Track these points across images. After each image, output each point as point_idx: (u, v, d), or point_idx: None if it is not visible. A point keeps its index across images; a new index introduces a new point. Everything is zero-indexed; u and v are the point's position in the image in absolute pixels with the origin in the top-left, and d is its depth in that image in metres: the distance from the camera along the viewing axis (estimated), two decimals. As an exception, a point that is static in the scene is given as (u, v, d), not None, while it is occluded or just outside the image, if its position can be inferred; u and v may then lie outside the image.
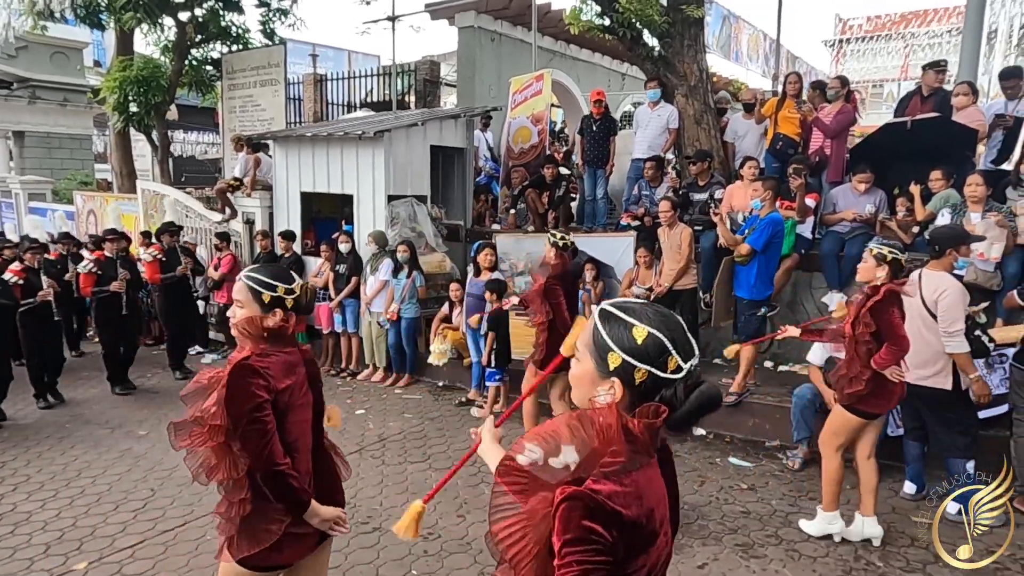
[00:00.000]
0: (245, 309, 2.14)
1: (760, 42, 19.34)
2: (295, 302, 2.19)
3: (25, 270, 6.46)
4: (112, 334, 6.90)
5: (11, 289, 6.18)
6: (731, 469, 4.87)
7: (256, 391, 2.03)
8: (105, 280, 6.77)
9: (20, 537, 3.99)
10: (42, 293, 6.34)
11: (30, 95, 16.08)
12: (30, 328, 6.36)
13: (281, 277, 2.18)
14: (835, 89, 6.45)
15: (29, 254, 6.80)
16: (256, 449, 2.03)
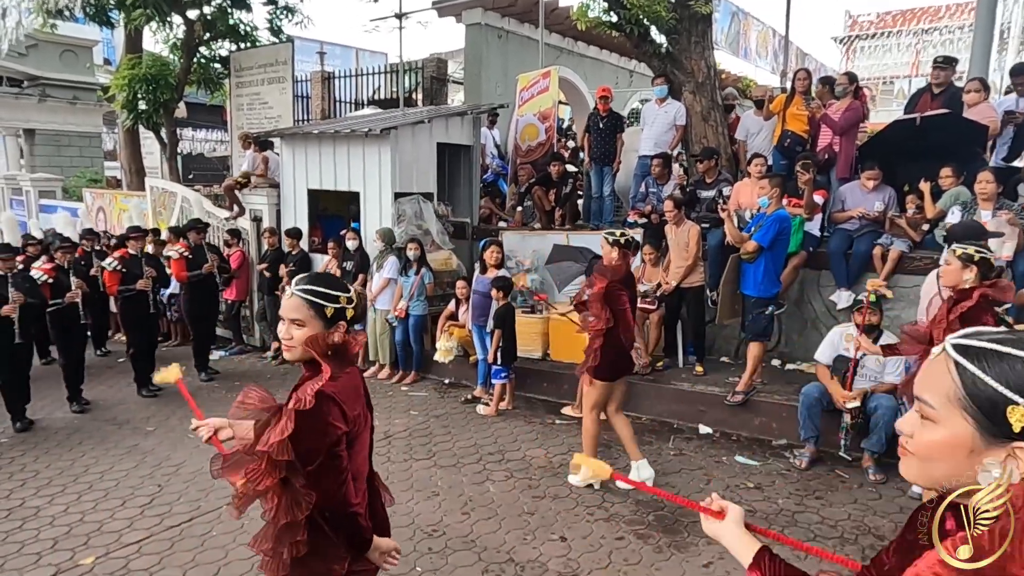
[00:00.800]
0: (307, 327, 1.84)
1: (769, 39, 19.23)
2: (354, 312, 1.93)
3: (55, 269, 6.31)
4: (140, 334, 6.76)
5: (39, 287, 6.04)
6: (737, 467, 4.84)
7: (335, 422, 1.77)
8: (130, 278, 6.62)
9: (28, 532, 4.02)
10: (70, 294, 6.19)
11: (40, 93, 16.19)
12: (58, 329, 6.28)
13: (338, 285, 1.92)
14: (843, 86, 6.39)
15: (60, 252, 6.62)
16: (331, 489, 1.78)
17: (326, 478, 1.78)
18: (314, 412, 1.74)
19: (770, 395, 5.51)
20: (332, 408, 1.78)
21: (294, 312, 1.85)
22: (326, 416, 1.76)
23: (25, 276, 6.01)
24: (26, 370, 5.92)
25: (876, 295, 4.89)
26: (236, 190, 8.80)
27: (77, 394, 6.33)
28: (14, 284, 5.67)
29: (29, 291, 5.81)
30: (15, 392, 5.81)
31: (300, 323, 1.85)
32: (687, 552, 3.72)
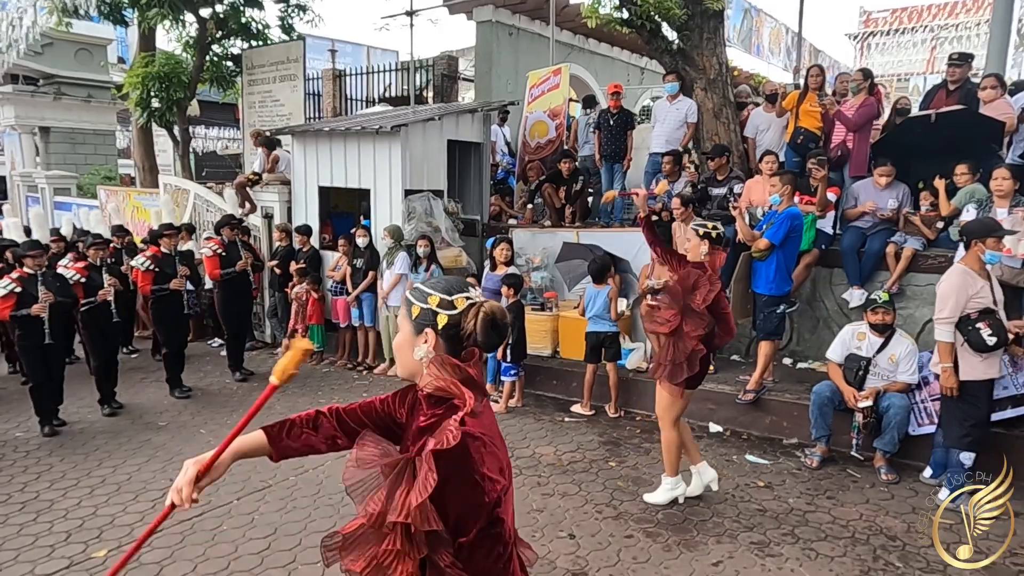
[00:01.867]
0: (401, 332, 1.56)
1: (782, 35, 19.08)
2: (451, 322, 1.46)
3: (88, 267, 6.12)
4: (173, 335, 6.60)
5: (71, 287, 5.81)
6: (747, 466, 4.82)
7: (490, 474, 1.32)
8: (163, 277, 6.46)
9: (42, 525, 4.07)
10: (102, 292, 5.99)
11: (55, 91, 16.34)
12: (91, 329, 6.07)
13: (445, 285, 1.54)
14: (858, 82, 6.33)
15: (93, 250, 6.36)
16: (488, 570, 1.35)
17: (482, 555, 1.31)
18: (461, 457, 1.28)
19: (781, 394, 5.47)
20: (483, 454, 1.31)
21: (399, 314, 1.56)
22: (478, 465, 1.30)
23: (56, 275, 5.83)
24: (59, 371, 5.76)
25: (888, 294, 4.86)
26: (248, 187, 8.85)
27: (110, 396, 6.16)
28: (44, 283, 5.52)
29: (60, 290, 5.62)
30: (45, 394, 5.62)
31: (399, 330, 1.54)
32: (696, 551, 3.71)
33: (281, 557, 3.68)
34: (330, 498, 4.36)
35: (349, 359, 7.65)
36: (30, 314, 5.37)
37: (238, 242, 7.34)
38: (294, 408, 6.15)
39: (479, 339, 1.46)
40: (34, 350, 5.51)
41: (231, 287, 7.13)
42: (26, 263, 5.56)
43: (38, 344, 5.48)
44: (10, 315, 5.38)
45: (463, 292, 1.50)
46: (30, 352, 5.53)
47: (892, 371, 4.66)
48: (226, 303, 7.22)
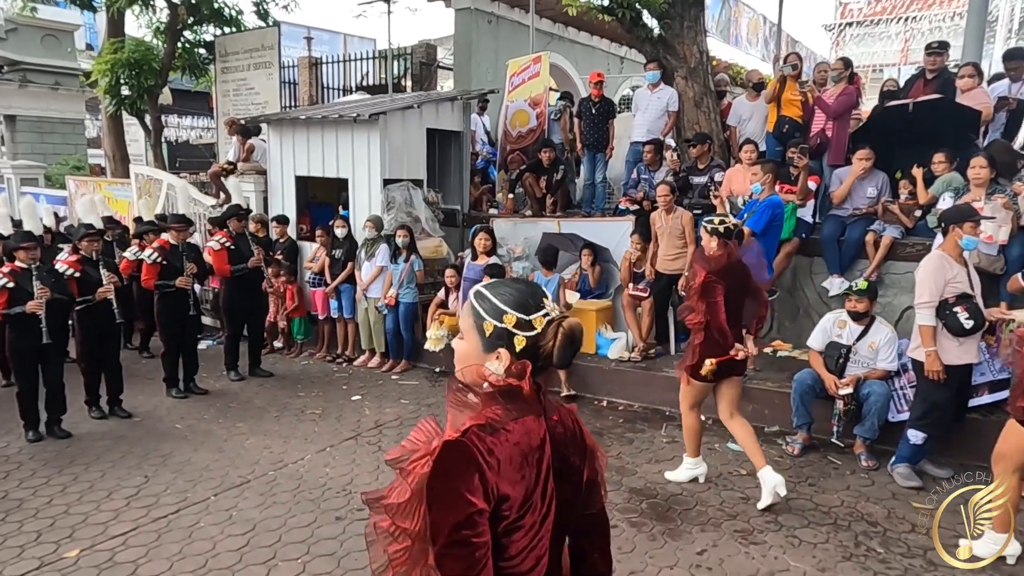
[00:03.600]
0: (466, 342, 1.45)
1: (760, 26, 19.18)
2: (528, 343, 1.37)
3: (81, 261, 5.51)
4: (174, 335, 6.18)
5: (66, 282, 5.31)
6: (730, 455, 4.83)
7: (467, 494, 1.26)
8: (170, 272, 6.03)
9: (11, 525, 3.94)
10: (102, 290, 5.44)
11: (21, 79, 15.87)
12: (88, 329, 5.56)
13: (521, 299, 1.40)
14: (838, 71, 6.35)
15: (86, 242, 5.61)
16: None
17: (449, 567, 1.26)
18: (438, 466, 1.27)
19: (762, 382, 5.49)
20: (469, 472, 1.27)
21: (462, 319, 1.47)
22: (455, 481, 1.26)
23: (51, 269, 5.36)
24: (59, 375, 5.27)
25: (868, 282, 4.88)
26: (222, 177, 8.67)
27: (115, 402, 5.76)
28: (39, 277, 5.06)
29: (55, 286, 5.16)
30: (35, 400, 5.21)
31: (462, 335, 1.46)
32: (681, 540, 3.70)
33: (261, 554, 3.61)
34: (310, 493, 4.29)
35: (328, 351, 7.55)
36: (24, 312, 4.93)
37: (247, 235, 6.93)
38: (274, 401, 6.06)
39: (555, 358, 1.39)
40: (28, 352, 5.08)
41: (240, 283, 6.66)
42: (18, 256, 5.10)
43: (34, 345, 5.04)
44: (2, 313, 4.96)
45: (540, 309, 1.38)
46: (23, 355, 5.11)
47: (872, 358, 4.69)
48: (232, 300, 6.75)
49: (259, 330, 7.15)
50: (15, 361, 5.23)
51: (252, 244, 6.82)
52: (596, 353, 6.41)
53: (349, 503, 4.14)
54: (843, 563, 3.48)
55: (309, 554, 3.60)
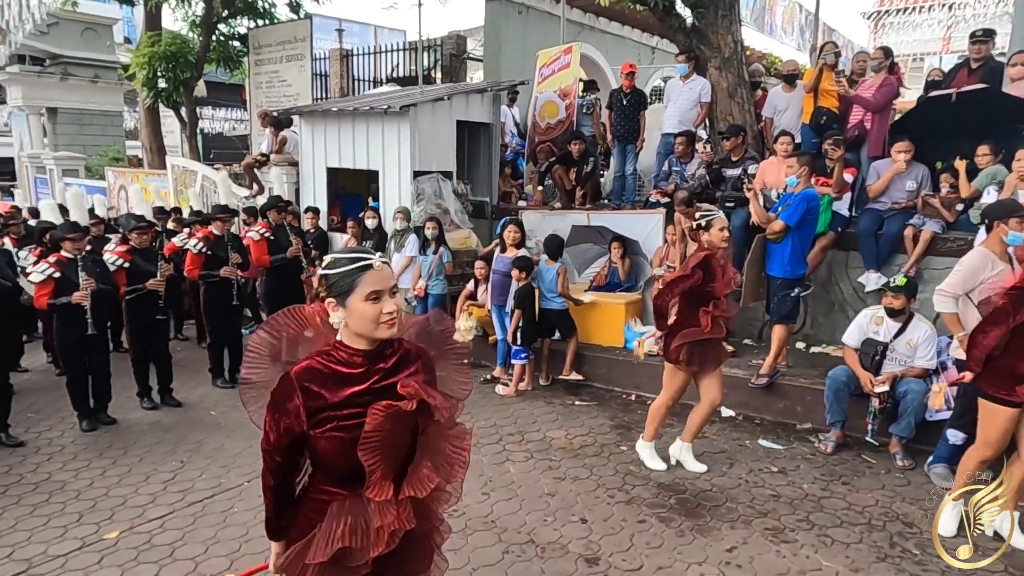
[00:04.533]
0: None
1: (795, 14, 18.76)
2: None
3: (131, 251, 5.57)
4: (220, 324, 6.24)
5: (111, 273, 5.36)
6: (761, 451, 4.77)
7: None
8: (215, 262, 6.05)
9: (55, 505, 4.07)
10: (151, 282, 5.49)
11: (62, 72, 16.27)
12: (137, 319, 5.63)
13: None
14: (879, 60, 6.18)
15: (135, 234, 5.69)
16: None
17: None
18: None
19: (795, 378, 5.41)
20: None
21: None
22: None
23: (96, 259, 5.37)
24: (104, 365, 5.35)
25: (906, 277, 4.77)
26: (255, 169, 8.80)
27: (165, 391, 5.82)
28: (84, 268, 5.09)
29: (100, 276, 5.19)
30: (86, 390, 5.27)
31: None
32: (710, 536, 3.67)
33: (292, 540, 3.66)
34: (340, 481, 4.34)
35: (358, 341, 7.62)
36: (70, 302, 4.98)
37: (286, 225, 6.93)
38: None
39: None
40: (74, 342, 5.12)
41: (280, 274, 6.71)
42: (64, 247, 5.14)
43: (80, 336, 5.08)
44: (48, 303, 5.01)
45: None
46: (70, 344, 5.16)
47: (910, 356, 4.58)
48: (272, 291, 6.79)
49: None
50: (62, 351, 5.32)
51: (291, 234, 6.86)
52: (625, 347, 6.37)
53: (378, 492, 4.18)
54: (877, 564, 3.41)
55: (339, 541, 3.64)
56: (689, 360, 4.21)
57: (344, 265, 1.73)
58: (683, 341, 4.17)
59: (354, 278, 1.71)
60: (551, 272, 6.12)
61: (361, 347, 1.78)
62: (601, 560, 3.47)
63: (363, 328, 1.74)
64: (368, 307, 1.71)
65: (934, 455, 4.30)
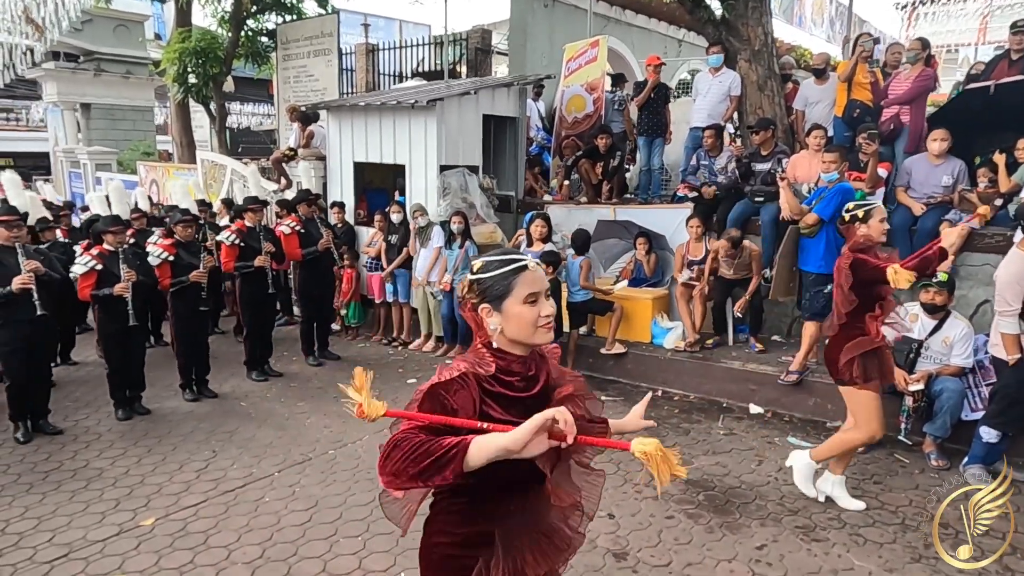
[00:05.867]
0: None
1: (825, 6, 18.43)
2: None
3: (175, 244, 5.63)
4: (256, 315, 6.30)
5: (151, 267, 5.47)
6: (790, 449, 4.70)
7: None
8: (248, 253, 6.11)
9: (93, 492, 4.18)
10: (194, 274, 5.57)
11: (95, 68, 16.60)
12: (181, 311, 5.71)
13: None
14: (915, 51, 6.04)
15: (180, 227, 5.74)
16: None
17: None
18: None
19: (825, 375, 5.28)
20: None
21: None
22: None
23: (136, 252, 5.51)
24: (140, 356, 5.51)
25: (946, 273, 4.67)
26: (284, 163, 8.89)
27: (200, 383, 5.91)
28: (125, 260, 5.19)
29: (140, 269, 5.31)
30: (124, 380, 5.39)
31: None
32: (739, 533, 3.65)
33: (323, 530, 3.72)
34: (368, 473, 4.39)
35: (384, 334, 7.69)
36: (112, 294, 5.09)
37: (316, 219, 6.98)
38: (332, 382, 6.21)
39: None
40: (116, 333, 5.24)
41: (312, 267, 6.77)
42: (106, 239, 5.23)
43: (121, 327, 5.19)
44: (91, 294, 5.14)
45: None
46: (111, 336, 5.29)
47: (946, 354, 4.49)
48: (306, 284, 6.86)
49: (329, 313, 7.29)
50: (104, 342, 5.44)
51: (321, 227, 6.91)
52: (652, 342, 6.34)
53: (406, 484, 4.22)
54: (912, 565, 3.36)
55: (368, 532, 3.69)
56: (866, 375, 3.62)
57: (497, 268, 1.62)
58: (852, 355, 3.62)
59: (510, 281, 1.61)
60: (576, 266, 6.13)
61: (518, 353, 1.66)
62: (629, 555, 3.46)
63: (521, 333, 1.62)
64: (527, 310, 1.60)
65: (969, 455, 4.22)
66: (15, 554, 3.52)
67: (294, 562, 3.44)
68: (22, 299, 4.70)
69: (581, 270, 6.12)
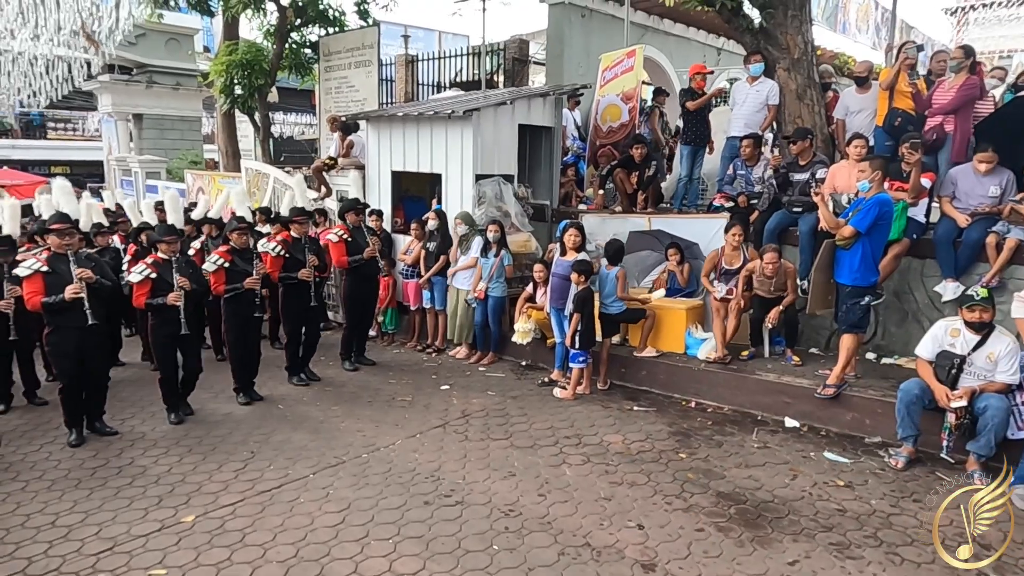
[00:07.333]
0: None
1: (871, 12, 18.05)
2: None
3: (230, 251, 5.74)
4: (298, 326, 6.34)
5: (204, 276, 5.59)
6: (826, 464, 4.62)
7: None
8: (293, 264, 6.13)
9: (136, 489, 4.33)
10: (249, 280, 5.67)
11: (147, 80, 17.27)
12: (235, 318, 5.81)
13: None
14: (958, 60, 5.90)
15: (236, 234, 5.87)
16: None
17: None
18: None
19: (863, 390, 5.22)
20: None
21: None
22: None
23: (188, 260, 5.64)
24: (195, 363, 5.58)
25: (987, 289, 4.53)
26: (324, 172, 9.09)
27: (248, 386, 6.01)
28: (179, 269, 5.29)
29: (192, 277, 5.40)
30: (174, 386, 5.49)
31: None
32: (771, 548, 3.59)
33: (354, 532, 3.79)
34: (400, 477, 4.46)
35: (418, 341, 7.79)
36: (165, 303, 5.19)
37: (364, 227, 7.04)
38: (366, 387, 6.33)
39: None
40: (168, 340, 5.32)
41: (358, 274, 6.82)
42: (161, 248, 5.36)
43: (173, 335, 5.28)
44: (145, 303, 5.22)
45: None
46: (164, 344, 5.36)
47: (990, 370, 4.35)
48: (352, 291, 6.91)
49: (369, 320, 7.38)
50: (157, 350, 5.51)
51: (368, 236, 7.01)
52: (685, 353, 6.29)
53: (437, 488, 4.28)
54: (950, 586, 3.27)
55: (400, 535, 3.75)
56: None
57: None
58: None
59: None
60: (612, 277, 6.11)
61: None
62: (658, 567, 3.45)
63: None
64: None
65: (1016, 475, 4.07)
66: (64, 546, 3.68)
67: (326, 562, 3.51)
68: (74, 306, 4.83)
69: (617, 281, 6.10)
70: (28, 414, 5.72)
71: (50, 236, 5.04)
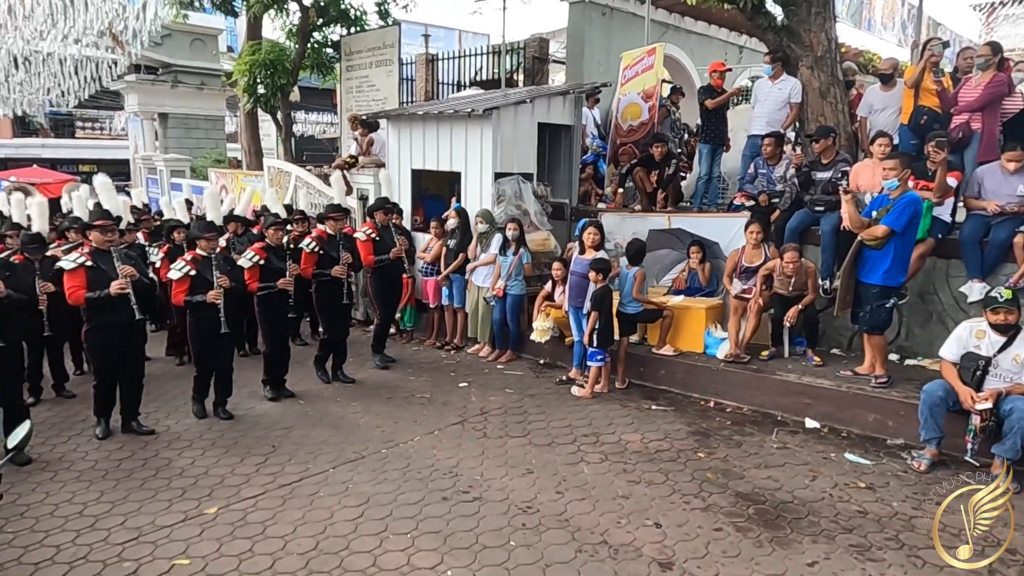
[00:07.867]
0: None
1: (897, 8, 17.75)
2: None
3: (266, 249, 5.77)
4: (332, 322, 6.34)
5: (241, 271, 5.59)
6: (847, 465, 4.57)
7: None
8: (327, 261, 6.15)
9: (161, 480, 4.42)
10: (282, 281, 5.73)
11: (173, 80, 17.52)
12: (269, 315, 5.87)
13: None
14: (986, 57, 5.79)
15: (272, 230, 5.92)
16: None
17: None
18: None
19: (886, 391, 5.15)
20: None
21: None
22: None
23: (227, 258, 5.64)
24: (230, 361, 5.61)
25: (1012, 291, 4.45)
26: (345, 170, 9.17)
27: (279, 383, 6.02)
28: (218, 267, 5.27)
29: (231, 275, 5.39)
30: (208, 382, 5.53)
31: None
32: (790, 549, 3.57)
33: (373, 526, 3.83)
34: (418, 472, 4.49)
35: (437, 338, 7.83)
36: (205, 301, 5.18)
37: (392, 226, 7.04)
38: (386, 383, 6.38)
39: None
40: (207, 338, 5.31)
41: (383, 273, 6.90)
42: (200, 245, 5.33)
43: (213, 332, 5.26)
44: (184, 300, 5.23)
45: None
46: (203, 341, 5.36)
47: (1017, 372, 4.27)
48: (379, 289, 6.98)
49: (392, 318, 7.43)
50: (195, 346, 5.49)
51: (396, 235, 7.01)
52: (704, 352, 6.26)
53: (455, 484, 4.31)
54: (973, 590, 3.23)
55: (418, 530, 3.78)
56: None
57: None
58: None
59: None
60: (630, 277, 6.10)
61: None
62: (675, 566, 3.44)
63: None
64: None
65: None
66: (91, 535, 3.77)
67: (345, 555, 3.56)
68: (118, 303, 4.88)
69: (635, 281, 6.09)
70: (57, 407, 5.85)
71: (92, 232, 5.05)
